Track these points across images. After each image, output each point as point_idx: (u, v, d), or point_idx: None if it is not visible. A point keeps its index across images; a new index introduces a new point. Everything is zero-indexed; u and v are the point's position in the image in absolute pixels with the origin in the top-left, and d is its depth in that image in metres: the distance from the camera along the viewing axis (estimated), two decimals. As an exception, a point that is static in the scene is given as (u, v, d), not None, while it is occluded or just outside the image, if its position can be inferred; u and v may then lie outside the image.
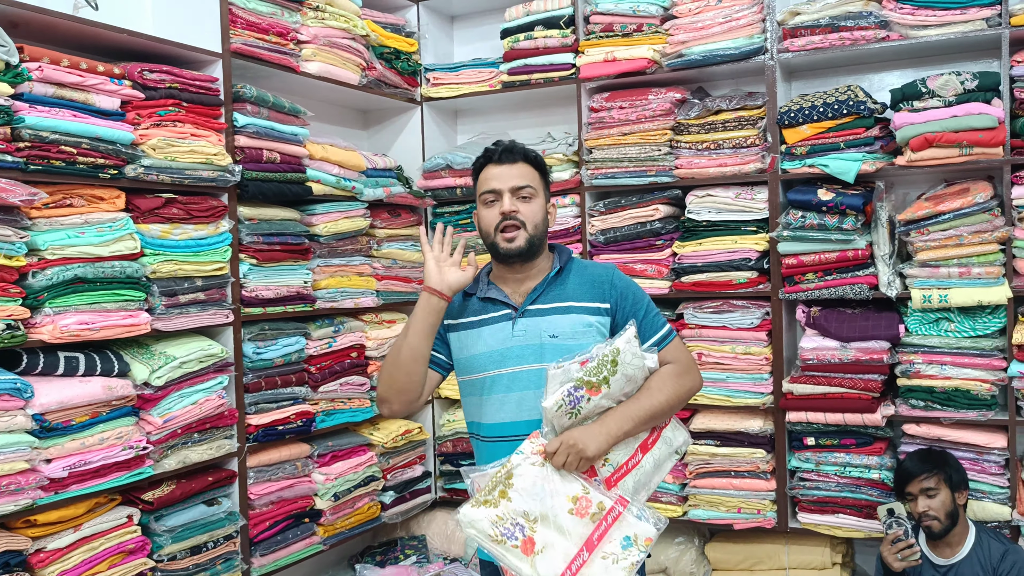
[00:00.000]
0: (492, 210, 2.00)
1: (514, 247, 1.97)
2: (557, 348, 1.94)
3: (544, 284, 2.02)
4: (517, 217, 1.97)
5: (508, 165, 2.01)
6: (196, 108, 2.70)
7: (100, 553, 2.40)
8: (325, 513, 3.16)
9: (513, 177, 2.00)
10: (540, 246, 2.03)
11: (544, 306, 2.00)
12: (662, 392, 1.93)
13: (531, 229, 1.98)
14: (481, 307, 2.05)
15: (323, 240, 3.21)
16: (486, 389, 2.00)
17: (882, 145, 3.04)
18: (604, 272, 2.06)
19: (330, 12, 3.24)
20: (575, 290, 2.02)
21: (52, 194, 2.32)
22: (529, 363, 1.95)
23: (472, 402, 2.07)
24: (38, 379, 2.28)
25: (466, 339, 2.04)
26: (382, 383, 2.01)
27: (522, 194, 2.00)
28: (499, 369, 1.98)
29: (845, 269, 3.06)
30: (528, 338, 1.97)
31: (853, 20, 3.03)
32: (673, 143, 3.34)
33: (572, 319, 1.97)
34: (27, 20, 2.36)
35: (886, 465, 3.04)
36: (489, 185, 2.01)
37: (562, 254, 2.09)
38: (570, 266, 2.07)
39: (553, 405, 1.81)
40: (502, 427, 1.98)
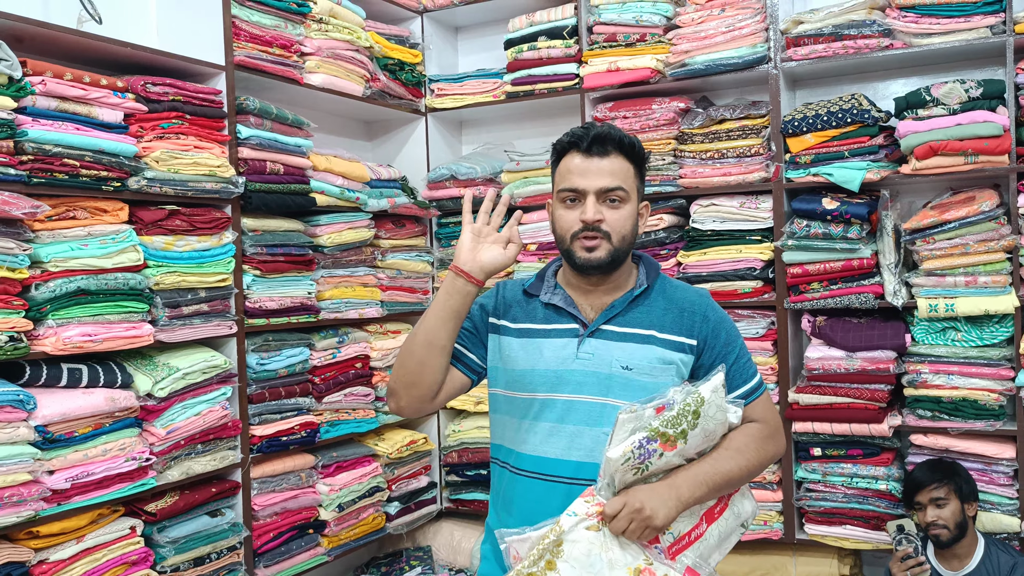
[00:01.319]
0: (571, 213, 1.68)
1: (594, 258, 1.66)
2: (628, 383, 1.65)
3: (624, 302, 1.71)
4: (601, 228, 1.66)
5: (599, 158, 1.67)
6: (199, 120, 2.71)
7: (103, 564, 2.40)
8: (329, 524, 3.15)
9: (603, 175, 1.66)
10: (624, 259, 1.71)
11: (621, 329, 1.69)
12: (744, 456, 1.63)
13: (616, 241, 1.67)
14: (542, 313, 1.75)
15: (327, 251, 3.22)
16: (532, 413, 1.70)
17: (887, 154, 3.02)
18: (697, 300, 1.74)
19: (334, 24, 3.25)
20: (660, 317, 1.70)
21: (55, 207, 2.33)
22: (591, 394, 1.65)
23: (508, 423, 1.75)
24: (41, 391, 2.29)
25: (516, 348, 1.73)
26: (394, 372, 1.74)
27: (611, 197, 1.67)
28: (553, 393, 1.67)
29: (851, 278, 3.04)
30: (596, 364, 1.65)
31: (856, 28, 3.02)
32: (677, 152, 3.33)
33: (652, 351, 1.67)
34: (31, 34, 2.38)
35: (893, 476, 3.01)
36: (571, 181, 1.68)
37: (650, 268, 1.78)
38: (657, 285, 1.75)
39: (620, 457, 1.51)
40: (544, 463, 1.68)
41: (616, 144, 1.68)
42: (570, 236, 1.68)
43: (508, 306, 1.78)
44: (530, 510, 1.65)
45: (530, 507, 1.66)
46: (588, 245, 1.66)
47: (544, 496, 1.66)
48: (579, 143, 1.68)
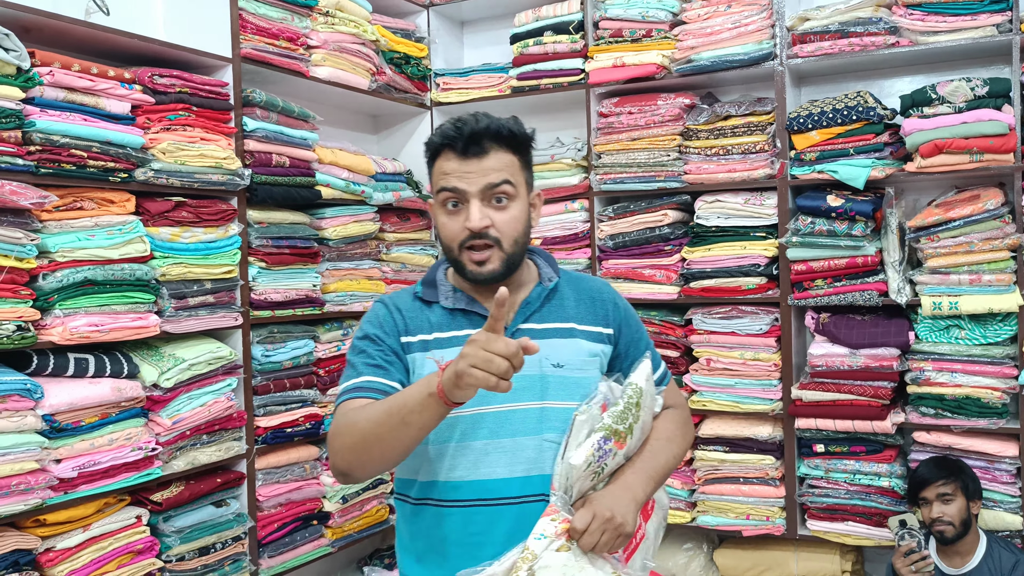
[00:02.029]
0: (455, 219, 1.49)
1: (486, 271, 1.49)
2: (563, 382, 1.51)
3: (539, 298, 1.57)
4: (490, 234, 1.48)
5: (476, 159, 1.47)
6: (206, 112, 2.72)
7: (109, 553, 2.42)
8: (333, 515, 3.17)
9: (485, 174, 1.47)
10: (520, 262, 1.55)
11: (541, 325, 1.55)
12: (675, 445, 1.57)
13: (509, 247, 1.49)
14: (447, 320, 1.54)
15: (332, 244, 3.23)
16: (458, 434, 1.48)
17: (892, 151, 3.02)
18: (604, 289, 1.66)
19: (340, 17, 3.26)
20: (575, 309, 1.60)
21: (63, 197, 2.34)
22: (527, 399, 1.48)
23: (424, 453, 1.50)
24: (48, 380, 2.31)
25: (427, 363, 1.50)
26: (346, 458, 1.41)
27: (496, 194, 1.48)
28: (481, 407, 1.47)
29: (855, 275, 3.05)
30: (524, 367, 1.34)
31: (863, 26, 3.02)
32: (682, 148, 3.34)
33: (577, 345, 1.56)
34: (39, 25, 2.38)
35: (896, 473, 3.02)
36: (448, 181, 1.48)
37: (549, 260, 1.66)
38: (565, 278, 1.65)
39: (583, 462, 1.39)
40: (483, 486, 1.48)
41: (494, 138, 1.48)
42: (457, 246, 1.50)
43: (408, 318, 1.54)
44: (475, 543, 1.47)
45: (474, 540, 1.47)
46: (477, 258, 1.48)
47: (489, 524, 1.47)
48: (454, 143, 1.48)
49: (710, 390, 3.29)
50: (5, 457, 2.16)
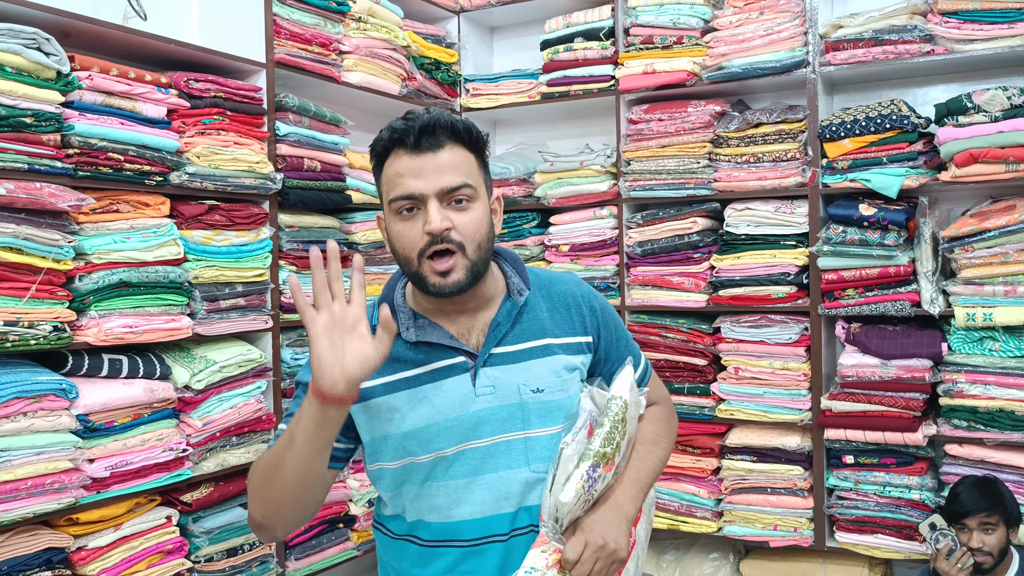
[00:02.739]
0: (412, 226, 1.34)
1: (450, 283, 1.34)
2: (544, 406, 1.41)
3: (509, 316, 1.44)
4: (452, 237, 1.34)
5: (432, 153, 1.34)
6: (240, 117, 2.75)
7: (139, 552, 2.44)
8: (359, 519, 3.17)
9: (443, 171, 1.33)
10: (486, 269, 1.41)
11: (514, 347, 1.43)
12: (660, 447, 1.51)
13: (473, 252, 1.36)
14: (412, 354, 1.41)
15: (361, 248, 3.24)
16: (438, 474, 1.39)
17: (926, 160, 2.99)
18: (577, 291, 1.53)
19: (372, 23, 3.28)
20: (549, 320, 1.47)
21: (99, 200, 2.37)
22: (508, 431, 1.39)
23: (405, 492, 1.43)
24: (83, 380, 2.33)
25: (395, 406, 1.39)
26: (258, 505, 1.36)
27: (456, 197, 1.35)
28: (461, 444, 1.39)
29: (887, 285, 3.02)
30: (501, 396, 1.37)
31: (897, 34, 2.99)
32: (712, 156, 3.32)
33: (555, 362, 1.44)
34: (78, 30, 2.42)
35: (927, 485, 2.98)
36: (404, 186, 1.33)
37: (517, 266, 1.50)
38: (535, 284, 1.51)
39: (573, 497, 1.32)
40: (468, 526, 1.39)
41: (449, 132, 1.35)
42: (417, 255, 1.35)
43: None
44: None
45: None
46: (441, 267, 1.33)
47: (477, 564, 1.40)
48: (404, 138, 1.34)
49: (738, 399, 3.27)
50: (40, 456, 2.18)
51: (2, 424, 2.11)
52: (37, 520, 2.21)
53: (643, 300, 3.44)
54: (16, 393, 2.13)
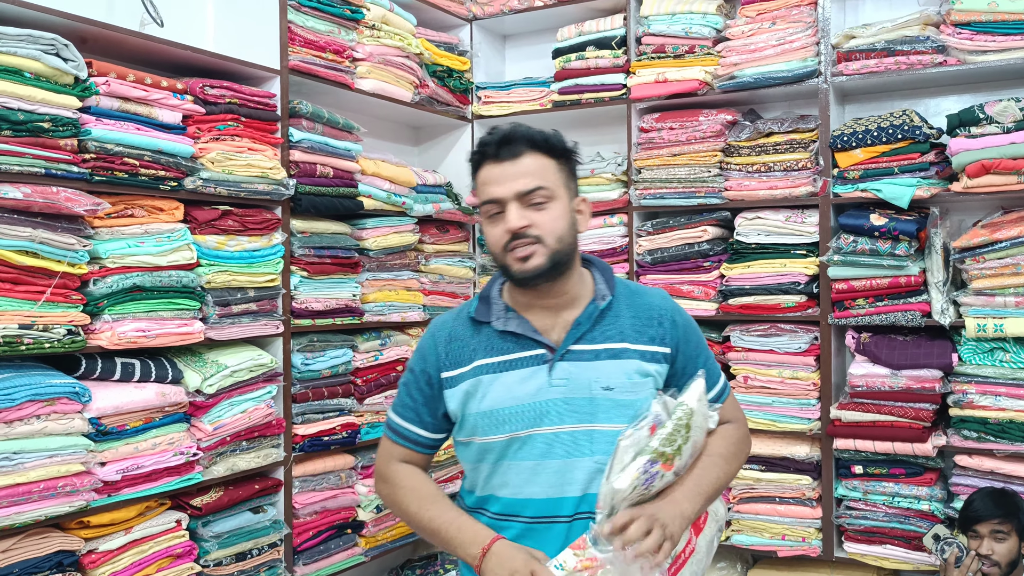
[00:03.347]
0: (497, 226, 1.53)
1: (531, 267, 1.50)
2: (613, 405, 1.52)
3: (590, 318, 1.57)
4: (530, 233, 1.50)
5: (511, 162, 1.51)
6: (254, 123, 2.76)
7: (149, 556, 2.44)
8: (367, 525, 3.18)
9: (518, 177, 1.50)
10: (569, 262, 1.56)
11: (592, 347, 1.55)
12: (729, 463, 1.56)
13: (552, 242, 1.51)
14: (498, 343, 1.58)
15: (372, 254, 3.25)
16: (511, 453, 1.55)
17: (937, 171, 2.99)
18: (662, 304, 1.64)
19: (386, 31, 3.30)
20: (630, 327, 1.58)
21: (115, 204, 2.39)
22: (576, 422, 1.52)
23: (482, 469, 1.59)
24: (95, 384, 2.35)
25: (479, 388, 1.56)
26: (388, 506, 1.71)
27: (533, 200, 1.51)
28: (532, 428, 1.53)
29: (897, 295, 3.01)
30: (573, 389, 1.51)
31: (910, 44, 3.00)
32: (723, 165, 3.33)
33: (629, 365, 1.55)
34: (95, 36, 2.44)
35: (936, 496, 2.97)
36: (488, 192, 1.53)
37: (606, 275, 1.64)
38: (621, 292, 1.63)
39: (627, 486, 1.37)
40: (532, 505, 1.53)
41: (527, 142, 1.53)
42: (502, 249, 1.53)
43: (455, 348, 1.61)
44: None
45: None
46: (521, 254, 1.50)
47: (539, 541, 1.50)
48: (488, 151, 1.53)
49: (747, 408, 3.26)
50: (52, 459, 2.19)
51: (15, 427, 2.13)
52: (49, 523, 2.22)
53: (653, 308, 3.44)
54: (29, 396, 2.14)
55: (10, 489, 2.12)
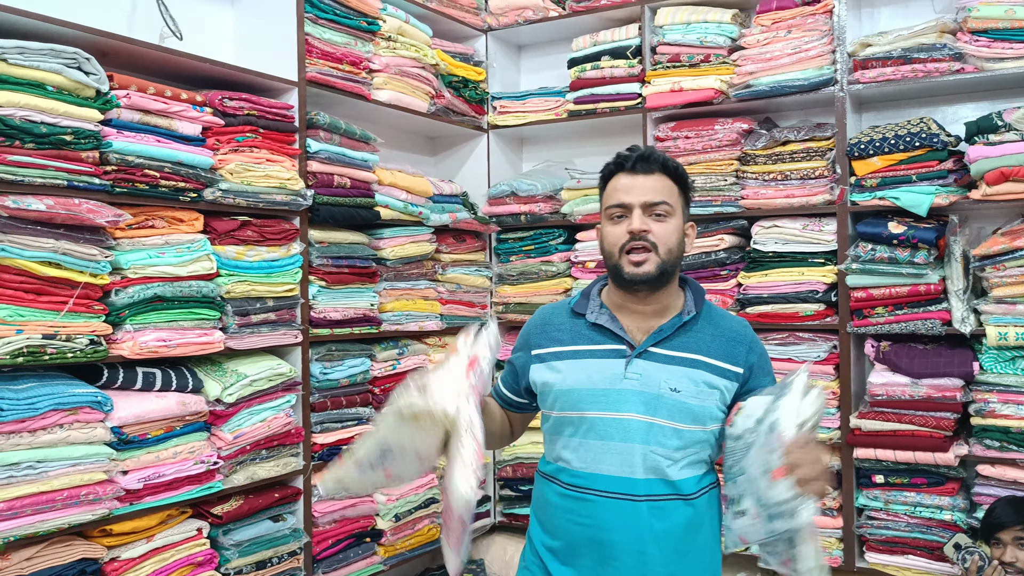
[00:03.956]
0: (619, 227, 1.73)
1: (641, 272, 1.70)
2: (677, 405, 1.68)
3: (673, 327, 1.75)
4: (648, 238, 1.70)
5: (644, 176, 1.74)
6: (272, 134, 2.79)
7: (171, 564, 2.46)
8: (386, 534, 3.19)
9: (648, 190, 1.72)
10: (672, 275, 1.75)
11: (669, 352, 1.73)
12: None
13: (664, 253, 1.71)
14: (588, 334, 1.79)
15: (390, 264, 3.27)
16: (582, 431, 1.73)
17: (956, 178, 2.98)
18: (743, 330, 1.80)
19: (402, 42, 3.32)
20: (708, 343, 1.74)
21: (136, 216, 2.41)
22: (639, 413, 1.69)
23: (557, 441, 1.79)
24: (117, 393, 2.37)
25: (565, 370, 1.77)
26: None
27: (656, 211, 1.72)
28: (600, 412, 1.71)
29: (917, 304, 3.00)
30: (644, 384, 1.69)
31: (926, 52, 2.99)
32: (739, 173, 3.32)
33: (699, 375, 1.71)
34: (116, 49, 2.47)
35: (959, 506, 2.95)
36: (617, 197, 1.74)
37: (697, 295, 1.82)
38: (704, 312, 1.80)
39: (816, 410, 1.58)
40: (591, 479, 1.72)
41: (660, 164, 1.75)
42: (618, 249, 1.73)
43: (548, 333, 1.83)
44: (577, 523, 1.73)
45: (577, 520, 1.73)
46: (636, 259, 1.70)
47: (593, 511, 1.70)
48: (625, 163, 1.76)
49: (766, 417, 3.24)
50: (75, 467, 2.21)
51: (39, 435, 2.15)
52: (72, 531, 2.25)
53: (670, 317, 3.44)
54: (53, 405, 2.16)
55: (34, 497, 2.14)
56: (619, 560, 1.69)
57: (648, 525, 1.67)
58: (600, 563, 1.71)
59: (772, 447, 1.55)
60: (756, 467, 1.58)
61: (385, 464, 1.65)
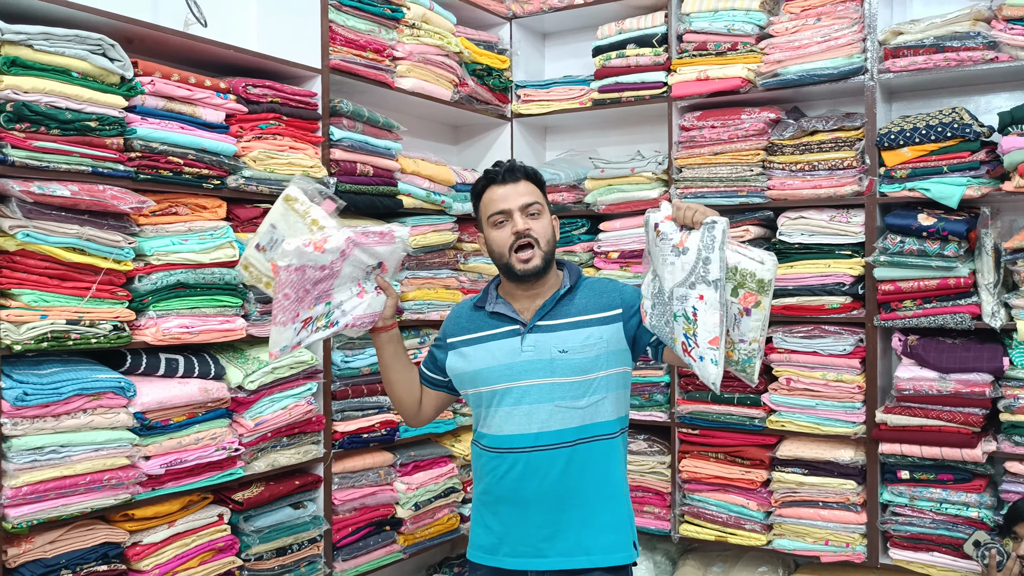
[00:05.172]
0: (503, 231, 2.02)
1: (531, 267, 2.00)
2: (567, 363, 1.99)
3: (553, 300, 2.05)
4: (531, 235, 2.00)
5: (512, 184, 2.04)
6: (295, 122, 2.78)
7: (192, 549, 2.48)
8: (406, 522, 3.19)
9: (520, 195, 2.03)
10: (551, 262, 2.06)
11: (553, 322, 2.03)
12: None
13: (544, 246, 2.01)
14: (489, 321, 2.09)
15: (412, 252, 3.26)
16: (494, 402, 2.04)
17: (988, 170, 2.92)
18: (610, 283, 2.12)
19: (426, 29, 3.30)
20: (584, 304, 2.05)
21: (159, 202, 2.42)
22: (539, 377, 1.99)
23: (479, 413, 2.11)
24: (140, 379, 2.38)
25: (472, 353, 2.07)
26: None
27: (530, 211, 2.02)
28: (508, 383, 2.02)
29: (946, 297, 2.94)
30: (538, 353, 2.00)
31: (960, 40, 2.93)
32: (766, 163, 3.28)
33: (581, 333, 2.01)
34: (141, 36, 2.47)
35: (986, 503, 2.90)
36: (496, 206, 2.03)
37: (571, 271, 2.12)
38: (580, 284, 2.10)
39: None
40: (507, 439, 2.02)
41: (523, 172, 2.06)
42: (508, 249, 2.00)
43: (459, 324, 2.14)
44: (498, 476, 2.03)
45: (497, 474, 2.03)
46: (523, 257, 1.99)
47: (510, 465, 2.01)
48: (495, 177, 2.05)
49: (789, 410, 3.21)
50: (98, 452, 2.23)
51: (63, 420, 2.17)
52: (94, 515, 2.27)
53: (693, 308, 3.40)
54: (77, 390, 2.18)
55: (58, 481, 2.16)
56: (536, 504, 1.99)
57: (562, 469, 1.98)
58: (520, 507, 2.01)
59: (664, 254, 1.81)
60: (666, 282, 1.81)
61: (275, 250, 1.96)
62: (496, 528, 2.06)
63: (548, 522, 2.00)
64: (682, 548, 3.62)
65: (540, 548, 2.01)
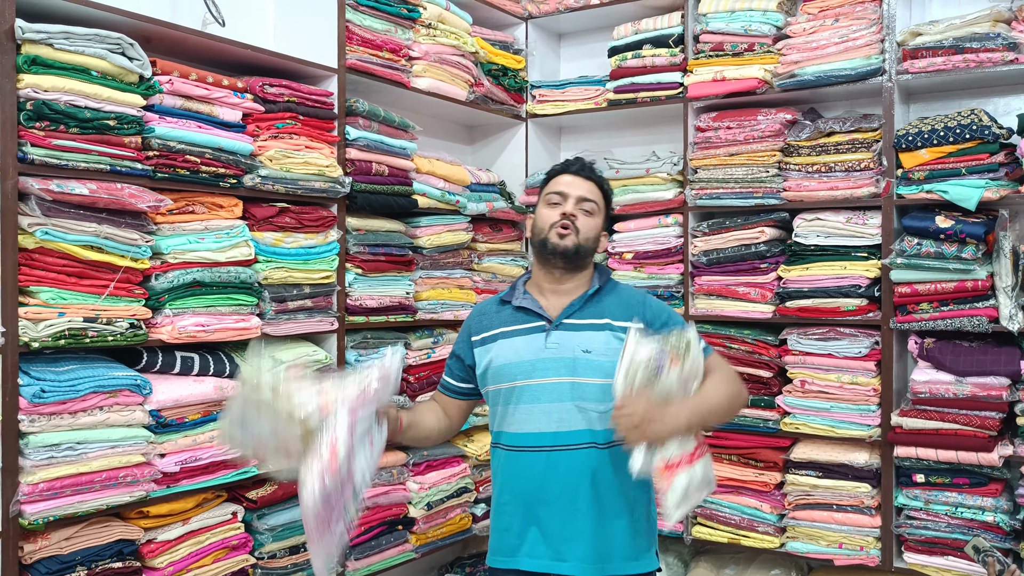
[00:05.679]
0: (553, 210, 2.08)
1: (563, 244, 2.03)
2: (590, 363, 1.99)
3: (581, 300, 2.07)
4: (574, 222, 2.05)
5: (582, 179, 2.11)
6: (311, 121, 2.79)
7: (206, 547, 2.48)
8: (418, 522, 3.19)
9: (583, 189, 2.10)
10: (586, 258, 2.09)
11: (579, 321, 2.05)
12: (720, 394, 1.96)
13: (583, 239, 2.06)
14: (513, 317, 2.10)
15: (426, 252, 3.27)
16: (513, 399, 2.04)
17: (1007, 172, 2.90)
18: (639, 295, 2.14)
19: (442, 29, 3.30)
20: (611, 309, 2.07)
21: (176, 201, 2.43)
22: (560, 376, 2.00)
23: (497, 412, 2.10)
24: (156, 377, 2.39)
25: (496, 349, 2.08)
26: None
27: (585, 207, 2.08)
28: (528, 380, 2.02)
29: (963, 300, 2.92)
30: (561, 351, 2.01)
31: (979, 42, 2.90)
32: (782, 165, 3.27)
33: (606, 336, 2.02)
34: (159, 35, 2.48)
35: (1002, 508, 2.88)
36: (558, 187, 2.11)
37: (602, 273, 2.16)
38: (608, 287, 2.13)
39: (647, 356, 1.82)
40: (526, 437, 2.03)
41: (596, 176, 2.14)
42: (549, 226, 2.06)
43: (485, 320, 2.15)
44: (516, 476, 2.05)
45: (516, 474, 2.05)
46: (561, 232, 2.04)
47: (528, 465, 2.02)
48: (569, 166, 2.14)
49: (804, 413, 3.20)
50: (114, 449, 2.24)
51: (79, 417, 2.18)
52: (110, 512, 2.28)
53: (707, 310, 3.40)
54: (93, 388, 2.19)
55: (74, 478, 2.17)
56: (554, 505, 1.99)
57: (581, 471, 1.98)
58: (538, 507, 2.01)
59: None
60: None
61: (245, 431, 1.79)
62: (515, 527, 2.06)
63: (566, 525, 1.99)
64: (695, 550, 3.61)
65: (559, 551, 2.00)
